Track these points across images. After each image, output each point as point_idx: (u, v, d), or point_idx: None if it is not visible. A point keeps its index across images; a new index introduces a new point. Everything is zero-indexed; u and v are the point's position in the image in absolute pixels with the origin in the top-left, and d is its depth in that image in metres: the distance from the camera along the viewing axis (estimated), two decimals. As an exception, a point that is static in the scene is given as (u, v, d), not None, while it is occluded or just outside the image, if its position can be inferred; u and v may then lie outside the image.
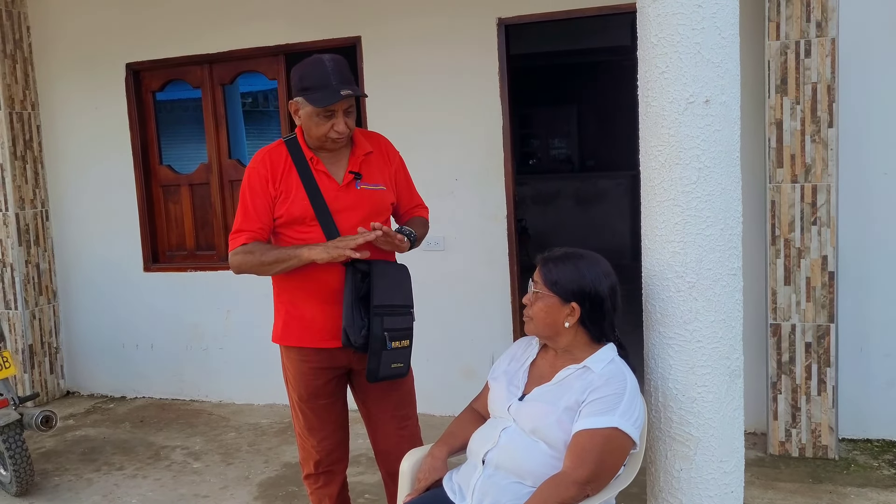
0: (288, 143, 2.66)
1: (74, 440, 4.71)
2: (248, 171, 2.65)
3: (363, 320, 2.57)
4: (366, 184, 2.67)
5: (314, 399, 2.74)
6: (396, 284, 2.65)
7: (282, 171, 2.61)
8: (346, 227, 2.59)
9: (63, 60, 5.41)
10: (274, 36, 4.87)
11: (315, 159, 2.62)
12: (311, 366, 2.69)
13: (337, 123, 2.54)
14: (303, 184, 2.59)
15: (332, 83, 2.49)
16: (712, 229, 2.20)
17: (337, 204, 2.61)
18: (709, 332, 2.23)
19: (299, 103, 2.56)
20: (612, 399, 2.08)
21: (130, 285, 5.42)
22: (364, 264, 2.58)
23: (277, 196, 2.60)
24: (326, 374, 2.72)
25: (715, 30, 2.15)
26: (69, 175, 5.50)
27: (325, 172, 2.62)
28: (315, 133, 2.57)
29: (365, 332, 2.57)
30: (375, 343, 2.57)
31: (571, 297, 2.18)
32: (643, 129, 2.31)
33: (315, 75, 2.50)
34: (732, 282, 2.25)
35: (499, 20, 4.41)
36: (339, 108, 2.53)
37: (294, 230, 2.61)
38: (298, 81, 2.54)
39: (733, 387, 2.29)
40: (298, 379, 2.72)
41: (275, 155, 2.64)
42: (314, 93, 2.49)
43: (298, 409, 2.77)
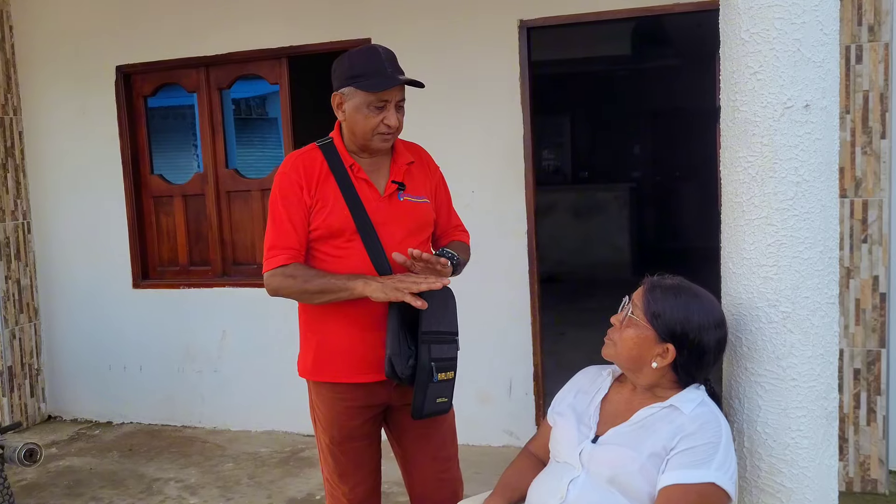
0: (323, 148, 2.37)
1: (58, 471, 4.36)
2: (279, 177, 2.34)
3: (410, 349, 2.27)
4: (409, 196, 2.39)
5: (348, 441, 2.43)
6: (443, 308, 2.33)
7: (317, 177, 2.32)
8: (390, 243, 2.31)
9: (48, 62, 5.08)
10: (276, 37, 4.58)
11: (355, 166, 2.34)
12: (348, 404, 2.38)
13: (388, 116, 2.27)
14: (342, 192, 2.30)
15: (386, 70, 2.25)
16: (810, 252, 1.92)
17: (379, 216, 2.32)
18: (805, 370, 1.95)
19: (346, 95, 2.28)
20: (707, 449, 1.79)
21: (118, 303, 5.08)
22: None
23: (312, 205, 2.31)
24: (364, 414, 2.41)
25: (816, 24, 1.88)
26: (54, 185, 5.16)
27: (365, 180, 2.34)
28: (362, 128, 2.29)
29: (412, 363, 2.27)
30: (422, 374, 2.26)
31: (669, 338, 1.88)
32: (728, 137, 2.03)
33: (367, 62, 2.26)
34: (831, 312, 1.97)
35: (521, 22, 4.14)
36: (392, 98, 2.27)
37: (331, 245, 2.32)
38: (348, 69, 2.27)
39: (830, 431, 2.01)
40: (332, 419, 2.41)
41: (308, 160, 2.35)
42: (367, 79, 2.23)
43: (329, 452, 2.45)
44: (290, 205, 2.31)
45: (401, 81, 2.26)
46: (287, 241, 2.29)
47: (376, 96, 2.24)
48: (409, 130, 4.26)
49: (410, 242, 2.36)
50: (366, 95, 2.25)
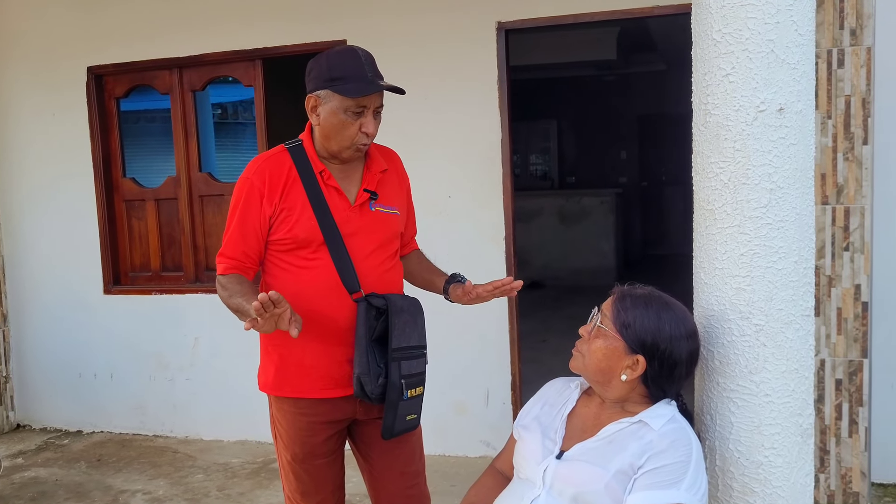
0: (292, 151, 2.25)
1: (23, 483, 4.23)
2: (241, 181, 2.23)
3: (380, 367, 2.18)
4: (381, 206, 2.29)
5: (311, 459, 2.32)
6: (412, 321, 2.26)
7: (284, 183, 2.20)
8: (359, 255, 2.22)
9: (18, 63, 4.98)
10: (251, 39, 4.48)
11: (325, 172, 2.23)
12: (311, 419, 2.28)
13: (366, 123, 2.16)
14: (310, 201, 2.19)
15: (367, 74, 2.13)
16: (785, 262, 1.84)
17: (348, 227, 2.22)
18: (779, 385, 1.87)
19: (323, 97, 2.16)
20: (677, 468, 1.70)
21: (89, 309, 4.96)
22: (380, 299, 2.21)
23: (276, 214, 2.20)
24: (327, 429, 2.31)
25: (791, 25, 1.80)
26: (23, 188, 5.05)
27: (335, 188, 2.23)
28: (338, 135, 2.18)
29: (382, 381, 2.18)
30: (393, 393, 2.18)
31: (640, 349, 1.80)
32: (700, 142, 1.94)
33: (347, 65, 2.14)
34: (806, 324, 1.89)
35: (498, 24, 4.06)
36: (371, 104, 2.16)
37: (297, 256, 2.22)
38: (326, 71, 2.15)
39: (805, 449, 1.93)
40: (293, 435, 2.30)
41: (275, 164, 2.22)
42: (346, 83, 2.11)
43: (291, 470, 2.35)
44: (245, 213, 2.20)
45: (382, 87, 2.15)
46: (232, 250, 2.20)
47: (355, 102, 2.13)
48: (386, 134, 4.18)
49: (380, 255, 2.28)
50: (343, 100, 2.13)
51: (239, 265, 2.19)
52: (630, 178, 11.32)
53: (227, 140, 10.55)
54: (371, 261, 2.24)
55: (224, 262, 2.20)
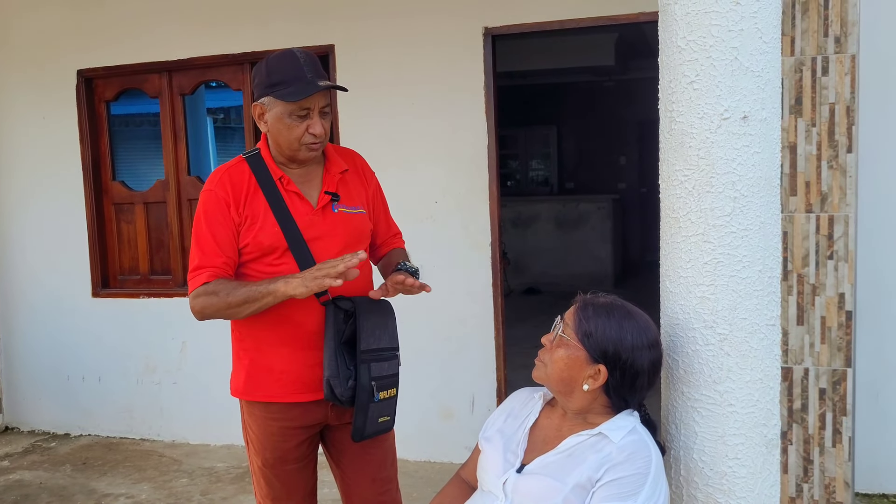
0: (250, 160, 2.24)
1: (7, 486, 4.23)
2: (204, 194, 2.22)
3: (349, 369, 2.18)
4: (344, 206, 2.28)
5: (282, 464, 2.31)
6: (382, 324, 2.26)
7: (245, 193, 2.19)
8: (325, 257, 2.19)
9: (8, 65, 4.99)
10: (239, 43, 4.49)
11: (285, 178, 2.22)
12: (281, 424, 2.27)
13: (312, 125, 2.14)
14: (271, 208, 2.18)
15: (306, 76, 2.11)
16: (749, 271, 1.83)
17: (312, 231, 2.21)
18: (743, 395, 1.85)
19: (266, 104, 2.16)
20: (635, 480, 1.68)
21: (77, 312, 4.97)
22: (347, 302, 2.20)
23: (241, 223, 2.19)
24: (298, 435, 2.30)
25: (755, 32, 1.79)
26: (12, 190, 5.06)
27: (296, 193, 2.22)
28: (286, 138, 2.17)
29: (352, 384, 2.17)
30: (363, 395, 2.18)
31: (601, 359, 1.78)
32: (665, 149, 1.94)
33: (286, 69, 2.13)
34: (771, 334, 1.88)
35: (485, 30, 4.06)
36: (315, 105, 2.14)
37: (263, 263, 2.21)
38: (266, 77, 2.15)
39: (770, 459, 1.91)
40: (264, 441, 2.30)
41: (235, 174, 2.22)
42: (286, 87, 2.10)
43: (262, 475, 2.34)
44: (215, 224, 2.18)
45: (321, 88, 2.13)
46: (211, 260, 2.17)
47: (297, 105, 2.12)
48: (374, 139, 4.20)
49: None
50: (286, 105, 2.13)
51: (220, 272, 2.17)
52: (629, 183, 11.31)
53: (228, 144, 10.59)
54: None
55: (206, 272, 2.16)
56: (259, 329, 2.24)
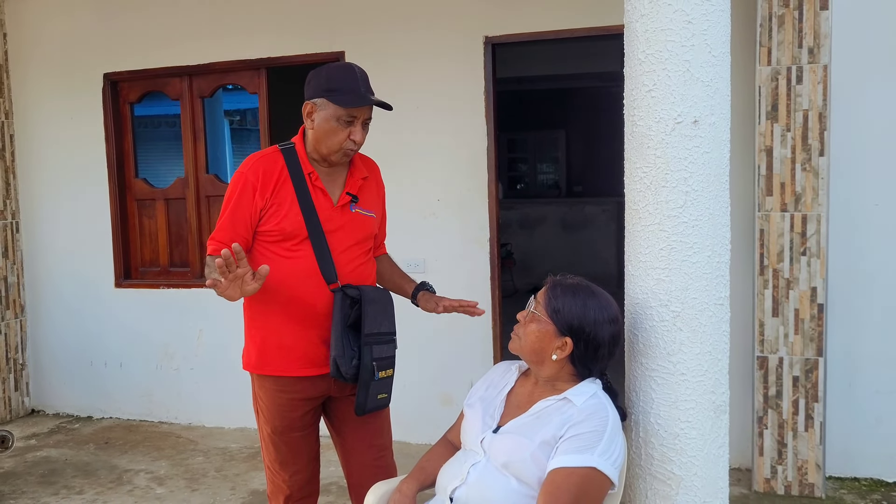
0: (284, 152, 2.48)
1: (35, 461, 4.52)
2: (237, 175, 2.46)
3: (353, 350, 2.44)
4: (360, 208, 2.55)
5: (289, 432, 2.57)
6: (383, 310, 2.53)
7: (275, 181, 2.44)
8: (338, 248, 2.47)
9: (40, 69, 5.28)
10: (256, 49, 4.76)
11: (314, 174, 2.46)
12: (289, 396, 2.53)
13: (355, 132, 2.40)
14: (298, 198, 2.43)
15: (360, 89, 2.39)
16: (699, 256, 2.08)
17: (330, 224, 2.47)
18: (693, 365, 2.11)
19: (318, 105, 2.41)
20: (592, 436, 1.94)
21: (101, 301, 5.25)
22: (354, 290, 2.46)
23: (267, 208, 2.43)
24: (304, 406, 2.56)
25: (705, 47, 2.04)
26: (42, 186, 5.36)
27: (321, 189, 2.47)
28: (328, 140, 2.42)
29: (356, 363, 2.44)
30: (365, 374, 2.44)
31: (567, 332, 2.04)
32: (629, 149, 2.19)
33: (343, 78, 2.40)
34: (719, 312, 2.13)
35: (486, 38, 4.31)
36: (361, 115, 2.41)
37: (282, 247, 2.45)
38: (325, 82, 2.40)
39: (718, 423, 2.16)
40: (273, 410, 2.56)
41: (268, 163, 2.46)
42: (341, 94, 2.37)
43: (270, 441, 2.60)
44: (237, 205, 2.43)
45: (372, 102, 2.39)
46: (221, 235, 2.42)
47: (347, 111, 2.36)
48: (381, 141, 4.48)
49: (355, 251, 2.52)
50: (337, 109, 2.37)
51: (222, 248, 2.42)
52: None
53: (244, 144, 10.91)
54: (348, 255, 2.49)
55: (213, 245, 2.43)
56: (270, 308, 2.49)
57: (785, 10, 3.60)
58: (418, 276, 4.48)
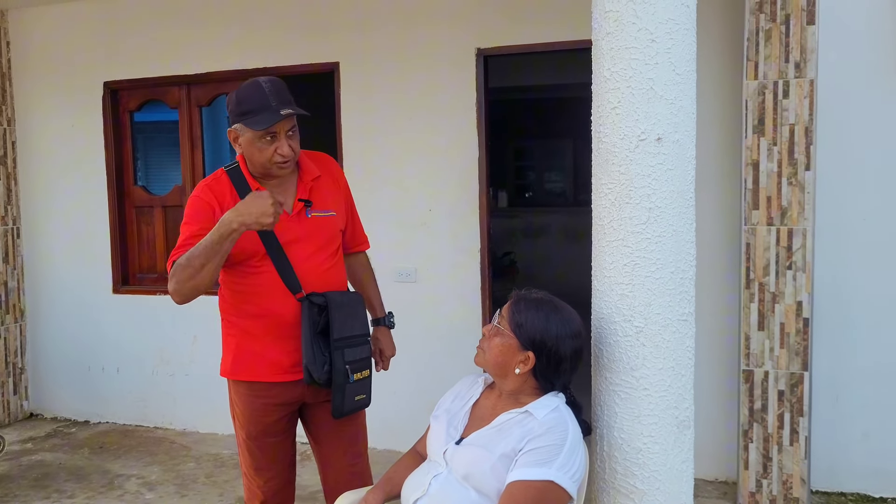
0: (230, 173, 2.50)
1: (29, 465, 4.58)
2: (192, 200, 2.47)
3: (324, 356, 2.47)
4: (317, 211, 2.55)
5: (263, 437, 2.61)
6: (353, 313, 2.55)
7: (228, 202, 2.44)
8: (300, 260, 2.49)
9: (42, 77, 5.35)
10: (253, 59, 4.81)
11: (261, 189, 2.47)
12: (263, 401, 2.56)
13: (280, 147, 2.40)
14: None
15: (271, 104, 2.37)
16: (662, 272, 2.10)
17: (287, 235, 2.48)
18: (656, 380, 2.12)
19: (238, 130, 2.42)
20: (551, 450, 1.96)
21: (99, 307, 5.31)
22: (319, 297, 2.48)
23: None
24: (279, 411, 2.59)
25: (669, 65, 2.06)
26: (43, 192, 5.43)
27: None
28: (258, 160, 2.43)
29: (327, 368, 2.46)
30: (339, 378, 2.47)
31: (530, 346, 2.06)
32: (595, 165, 2.22)
33: (253, 98, 2.38)
34: (683, 328, 2.14)
35: (478, 51, 4.35)
36: (281, 129, 2.39)
37: (247, 266, 2.47)
38: (236, 107, 2.41)
39: (682, 438, 2.18)
40: (248, 416, 2.59)
41: (218, 185, 2.49)
42: (254, 116, 2.36)
43: (246, 447, 2.64)
44: (198, 222, 2.40)
45: (283, 117, 2.35)
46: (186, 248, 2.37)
47: (265, 131, 2.36)
48: (374, 150, 4.50)
49: (319, 257, 2.54)
50: (255, 132, 2.36)
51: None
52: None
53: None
54: (311, 262, 2.51)
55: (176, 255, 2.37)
56: (244, 320, 2.52)
57: (772, 25, 3.61)
58: (409, 285, 4.56)
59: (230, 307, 2.54)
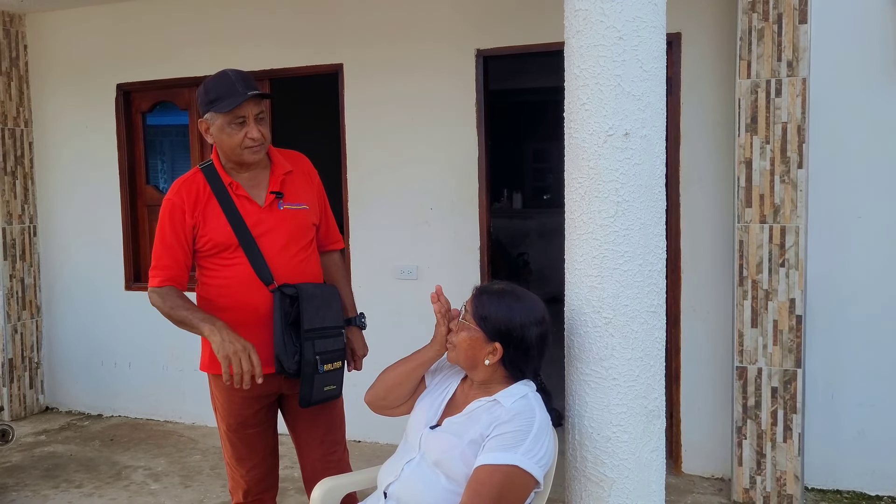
0: (205, 171, 2.60)
1: (41, 456, 4.70)
2: (165, 202, 2.57)
3: (295, 346, 2.53)
4: (289, 203, 2.63)
5: (243, 428, 2.69)
6: (325, 305, 2.61)
7: (201, 199, 2.54)
8: (271, 251, 2.56)
9: (58, 79, 5.49)
10: (260, 61, 4.90)
11: (234, 184, 2.56)
12: (241, 394, 2.63)
13: (250, 130, 2.49)
14: (223, 210, 2.53)
15: (238, 89, 2.46)
16: (630, 265, 2.15)
17: (259, 228, 2.56)
18: (625, 370, 2.17)
19: (209, 119, 2.53)
20: (517, 435, 2.01)
21: (111, 303, 5.44)
22: (291, 288, 2.55)
23: (197, 226, 2.54)
24: (256, 403, 2.67)
25: (636, 63, 2.11)
26: (58, 191, 5.57)
27: (245, 197, 2.57)
28: (229, 144, 2.51)
29: (297, 358, 2.52)
30: (308, 368, 2.53)
31: (496, 337, 2.12)
32: (567, 160, 2.27)
33: (220, 86, 2.49)
34: (651, 319, 2.19)
35: (477, 51, 4.41)
36: (249, 113, 2.48)
37: (221, 258, 2.56)
38: (205, 96, 2.52)
39: (651, 428, 2.22)
40: (227, 408, 2.67)
41: (191, 184, 2.57)
42: (221, 101, 2.46)
43: (227, 438, 2.72)
44: (170, 229, 2.52)
45: (249, 96, 2.45)
46: (165, 261, 2.52)
47: (232, 114, 2.46)
48: (378, 150, 4.58)
49: (292, 249, 2.61)
50: (223, 116, 2.47)
51: (172, 274, 2.53)
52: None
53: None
54: (284, 255, 2.58)
55: (157, 275, 2.53)
56: (220, 313, 2.57)
57: (764, 24, 3.64)
58: (411, 282, 4.63)
59: (206, 301, 2.62)
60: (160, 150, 6.25)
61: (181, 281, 2.57)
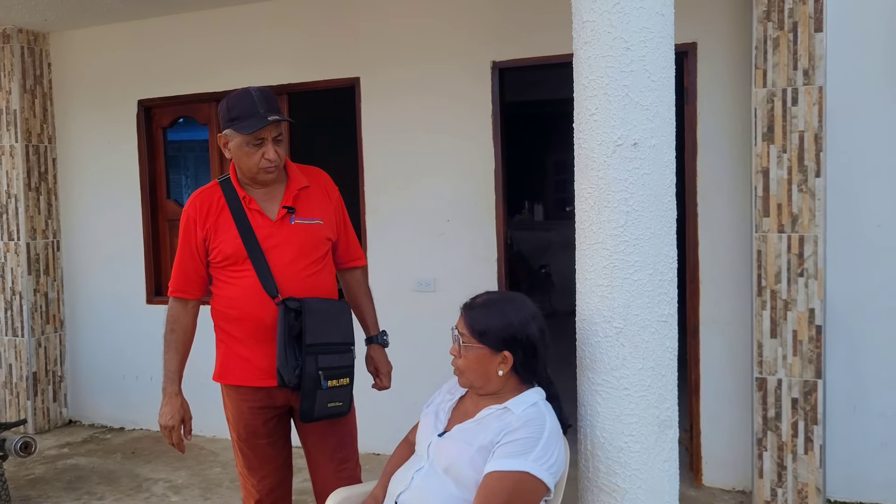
0: (222, 184, 2.64)
1: (64, 468, 4.75)
2: (183, 214, 2.66)
3: (297, 360, 2.54)
4: (301, 218, 2.64)
5: (253, 438, 2.71)
6: (331, 321, 2.61)
7: (213, 210, 2.60)
8: (280, 265, 2.58)
9: (81, 96, 5.58)
10: (278, 76, 4.96)
11: (248, 198, 2.60)
12: (250, 405, 2.66)
13: (267, 151, 2.52)
14: (235, 222, 2.57)
15: (259, 111, 2.49)
16: (640, 274, 2.15)
17: (270, 241, 2.59)
18: (636, 380, 2.16)
19: (228, 136, 2.56)
20: (527, 442, 2.01)
21: (133, 317, 5.50)
22: (295, 302, 2.56)
23: (208, 236, 2.59)
24: (265, 414, 2.69)
25: (644, 73, 2.11)
26: (81, 207, 5.65)
27: (258, 210, 2.60)
28: (246, 164, 2.55)
29: (298, 372, 2.53)
30: (308, 382, 2.53)
31: (503, 346, 2.13)
32: (577, 171, 2.27)
33: (242, 105, 2.51)
34: (663, 329, 2.18)
35: (493, 63, 4.42)
36: (268, 135, 2.51)
37: (231, 270, 2.59)
38: (226, 113, 2.55)
39: (663, 438, 2.21)
40: (237, 418, 2.71)
41: (206, 195, 2.63)
42: (242, 121, 2.50)
43: (238, 448, 2.75)
44: (185, 238, 2.64)
45: (270, 122, 2.48)
46: (176, 271, 2.68)
47: (252, 136, 2.49)
48: (394, 161, 4.60)
49: (301, 263, 2.61)
50: (243, 136, 2.50)
51: (178, 286, 2.66)
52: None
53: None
54: (292, 268, 2.59)
55: (170, 286, 2.70)
56: (229, 324, 2.64)
57: (780, 33, 3.63)
58: (428, 294, 4.64)
59: (218, 313, 2.66)
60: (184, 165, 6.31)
61: (189, 290, 2.66)
